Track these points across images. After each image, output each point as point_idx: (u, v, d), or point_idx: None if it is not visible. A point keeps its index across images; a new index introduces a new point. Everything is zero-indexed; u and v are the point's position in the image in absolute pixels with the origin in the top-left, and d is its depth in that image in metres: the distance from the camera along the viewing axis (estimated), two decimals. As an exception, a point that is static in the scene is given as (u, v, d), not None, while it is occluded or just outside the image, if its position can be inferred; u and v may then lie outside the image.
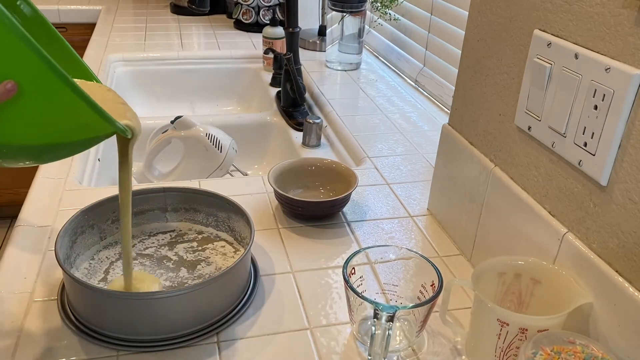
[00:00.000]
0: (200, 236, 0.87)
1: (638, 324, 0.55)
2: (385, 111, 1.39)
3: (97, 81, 0.69)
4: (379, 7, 1.67)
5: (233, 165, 1.32)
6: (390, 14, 1.67)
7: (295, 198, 0.93)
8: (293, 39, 1.41)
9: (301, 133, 1.26)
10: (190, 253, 0.83)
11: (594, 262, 0.61)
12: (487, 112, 0.80)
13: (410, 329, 0.71)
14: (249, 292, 0.77)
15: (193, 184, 1.04)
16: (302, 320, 0.74)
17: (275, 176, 0.96)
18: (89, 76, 0.68)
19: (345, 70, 1.66)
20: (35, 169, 0.99)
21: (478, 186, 0.82)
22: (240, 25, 2.03)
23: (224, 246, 0.85)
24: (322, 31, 1.82)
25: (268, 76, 1.61)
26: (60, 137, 0.55)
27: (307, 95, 1.46)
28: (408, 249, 0.74)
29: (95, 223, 0.81)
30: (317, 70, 1.67)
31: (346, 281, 0.67)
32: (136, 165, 1.26)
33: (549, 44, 0.65)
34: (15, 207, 0.89)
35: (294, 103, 1.37)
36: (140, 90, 1.73)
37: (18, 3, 0.63)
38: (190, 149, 1.28)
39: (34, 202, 0.93)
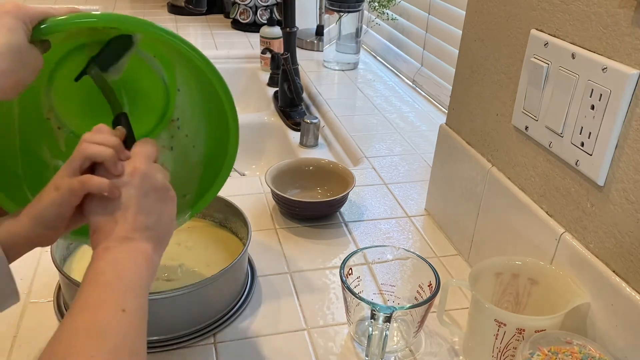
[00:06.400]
0: (197, 237, 0.87)
1: (635, 323, 0.55)
2: (383, 111, 1.39)
3: None
4: (377, 7, 1.66)
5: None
6: (387, 13, 1.66)
7: (293, 198, 0.93)
8: (290, 39, 1.41)
9: (299, 133, 1.26)
10: (187, 254, 0.83)
11: (591, 262, 0.61)
12: (485, 112, 0.80)
13: (408, 330, 0.71)
14: (246, 293, 0.77)
15: (190, 184, 1.03)
16: (300, 321, 0.74)
17: (272, 176, 0.96)
18: None
19: (342, 70, 1.66)
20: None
21: (475, 186, 0.82)
22: (237, 25, 2.03)
23: (221, 247, 0.84)
24: (319, 31, 1.82)
25: (265, 76, 1.61)
26: None
27: (304, 95, 1.46)
28: (405, 249, 0.74)
29: (92, 224, 0.81)
30: (315, 70, 1.66)
31: (343, 282, 0.67)
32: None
33: (546, 44, 0.65)
34: (12, 208, 0.89)
35: (292, 103, 1.37)
36: (137, 90, 1.72)
37: None
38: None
39: (30, 203, 0.93)
